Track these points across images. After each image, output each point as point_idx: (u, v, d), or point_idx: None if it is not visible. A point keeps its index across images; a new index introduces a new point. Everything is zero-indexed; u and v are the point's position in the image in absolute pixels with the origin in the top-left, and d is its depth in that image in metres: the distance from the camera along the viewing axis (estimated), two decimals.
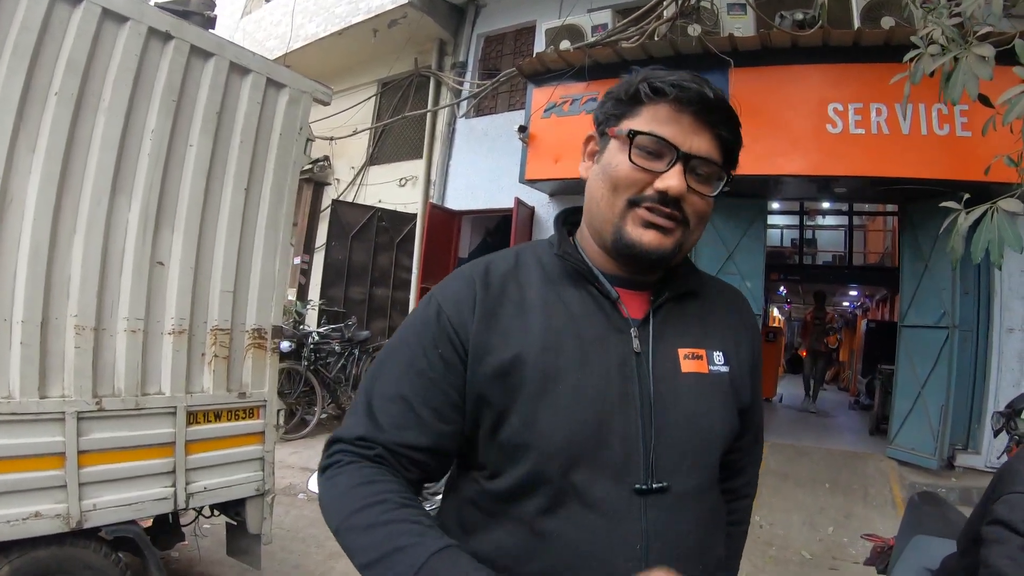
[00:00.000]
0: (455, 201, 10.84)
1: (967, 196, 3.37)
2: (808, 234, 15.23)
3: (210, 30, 4.45)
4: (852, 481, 7.09)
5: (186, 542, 4.35)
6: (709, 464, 1.25)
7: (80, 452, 3.10)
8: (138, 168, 3.38)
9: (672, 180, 1.16)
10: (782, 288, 18.66)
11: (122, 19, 3.24)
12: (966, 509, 6.41)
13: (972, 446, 7.39)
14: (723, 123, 1.20)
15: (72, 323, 3.12)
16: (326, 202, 11.99)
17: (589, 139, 1.33)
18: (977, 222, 3.28)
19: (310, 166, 12.05)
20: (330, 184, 12.58)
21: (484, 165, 10.38)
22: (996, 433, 5.17)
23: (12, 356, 2.93)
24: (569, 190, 8.96)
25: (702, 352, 1.27)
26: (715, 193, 1.22)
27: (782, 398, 13.44)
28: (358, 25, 11.07)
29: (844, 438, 9.75)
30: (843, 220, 14.81)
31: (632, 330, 1.23)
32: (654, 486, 1.15)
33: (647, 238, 1.19)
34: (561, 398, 1.16)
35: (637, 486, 1.15)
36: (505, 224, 9.88)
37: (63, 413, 3.06)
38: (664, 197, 1.17)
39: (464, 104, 10.92)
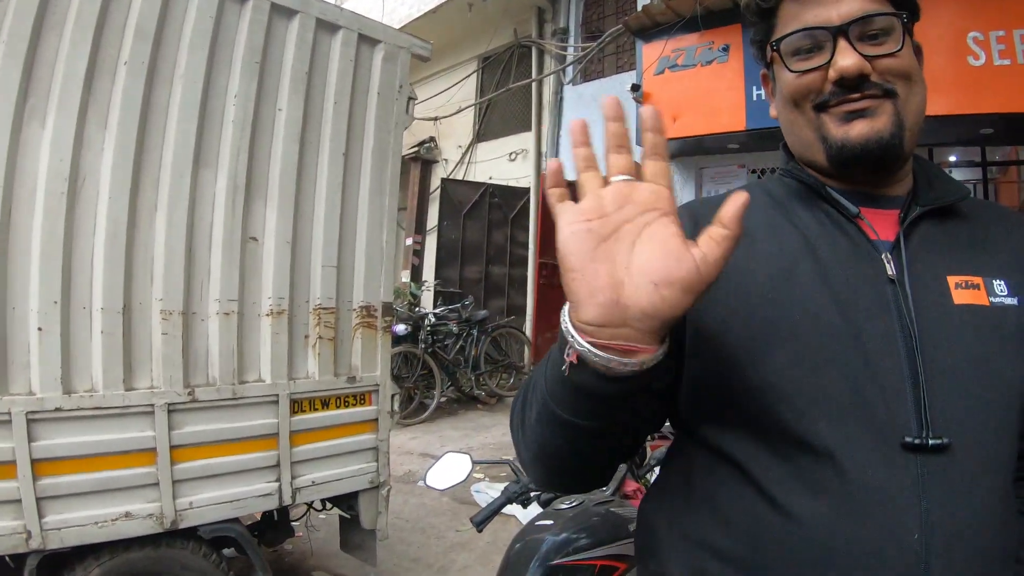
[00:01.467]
0: (570, 171, 10.26)
1: None
2: None
3: None
4: None
5: (299, 534, 4.15)
6: (1008, 425, 0.93)
7: (172, 447, 2.89)
8: (223, 137, 3.12)
9: (842, 62, 0.97)
10: None
11: None
12: None
13: None
14: None
15: (158, 308, 2.89)
16: (435, 182, 11.92)
17: (764, 79, 1.16)
18: None
19: (416, 147, 11.98)
20: (438, 163, 12.47)
21: (597, 131, 9.87)
22: None
23: (93, 346, 2.72)
24: (691, 150, 8.44)
25: (979, 280, 0.99)
26: (902, 45, 0.99)
27: None
28: (451, 1, 10.84)
29: None
30: (974, 173, 13.64)
31: (884, 254, 0.98)
32: (931, 442, 0.87)
33: (855, 130, 0.98)
34: (799, 338, 0.93)
35: (907, 440, 0.87)
36: None
37: (152, 406, 2.84)
38: (845, 83, 0.97)
39: (570, 70, 10.56)
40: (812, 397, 0.91)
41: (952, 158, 12.60)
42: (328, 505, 3.81)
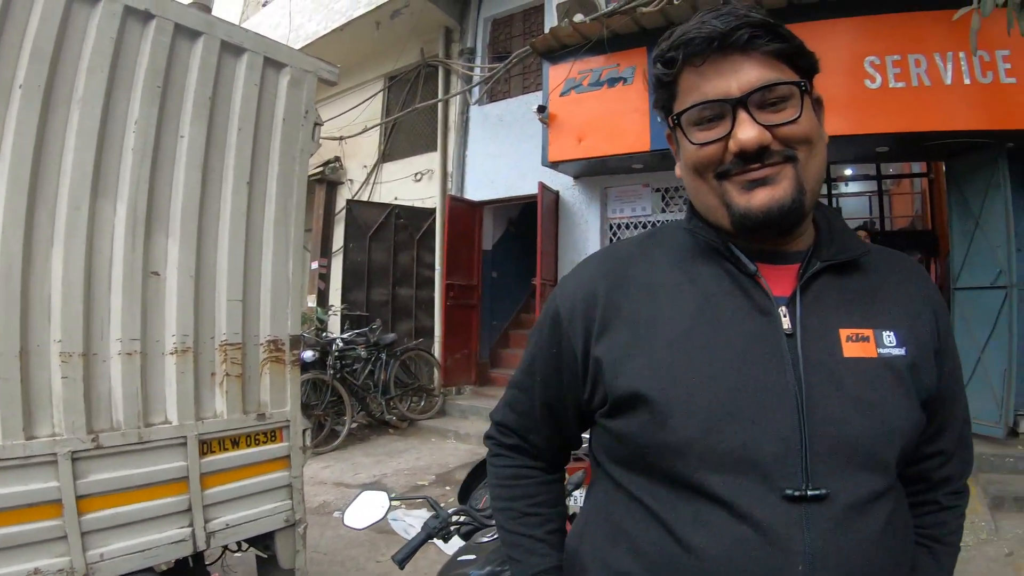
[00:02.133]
0: (475, 192, 10.56)
1: None
2: (833, 203, 14.84)
3: None
4: None
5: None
6: (885, 467, 1.04)
7: (79, 497, 2.70)
8: (122, 165, 2.95)
9: (742, 135, 1.01)
10: None
11: None
12: None
13: None
14: (762, 37, 1.02)
15: (57, 350, 2.70)
16: (340, 203, 11.77)
17: (669, 139, 1.20)
18: None
19: (321, 167, 11.81)
20: (343, 184, 12.31)
21: (503, 152, 10.11)
22: None
23: None
24: (595, 170, 8.71)
25: (869, 332, 1.08)
26: (799, 113, 1.03)
27: None
28: (359, 19, 10.76)
29: None
30: (868, 187, 14.45)
31: (781, 308, 1.07)
32: (809, 492, 0.98)
33: (757, 200, 1.04)
34: (693, 396, 1.03)
35: (788, 492, 0.98)
36: (529, 211, 9.67)
37: (55, 455, 2.65)
38: (745, 155, 1.02)
39: (476, 90, 10.60)
40: (705, 454, 1.01)
41: (848, 171, 13.28)
42: (244, 546, 3.64)
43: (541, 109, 8.30)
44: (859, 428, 1.02)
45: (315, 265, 11.39)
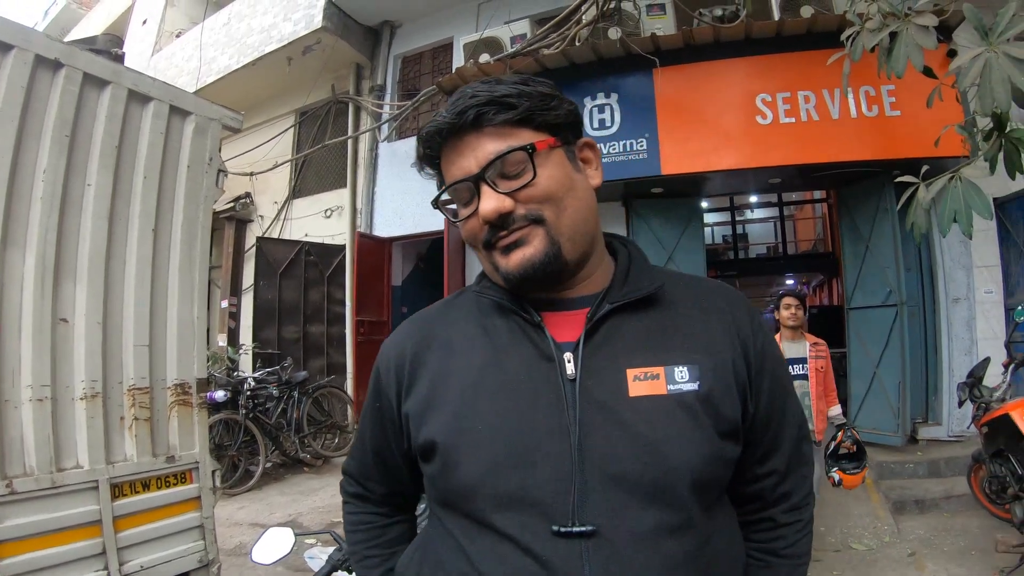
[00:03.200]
0: (384, 228, 10.57)
1: (926, 168, 3.27)
2: (740, 228, 15.44)
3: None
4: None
5: None
6: (676, 501, 1.06)
7: None
8: (31, 214, 3.02)
9: (482, 208, 1.10)
10: None
11: (5, 47, 2.90)
12: (935, 482, 6.38)
13: (932, 418, 7.50)
14: (488, 113, 1.09)
15: None
16: (250, 240, 11.59)
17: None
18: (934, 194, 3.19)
19: (231, 203, 11.66)
20: (253, 221, 12.15)
21: (411, 188, 10.14)
22: (961, 403, 5.38)
23: None
24: None
25: (659, 370, 1.11)
26: (533, 175, 1.09)
27: None
28: (271, 54, 10.76)
29: None
30: (772, 212, 15.10)
31: (566, 355, 1.13)
32: (575, 529, 1.03)
33: (513, 261, 1.12)
34: (478, 444, 1.10)
35: (555, 528, 1.03)
36: (437, 247, 9.70)
37: None
38: (493, 223, 1.10)
39: (385, 127, 10.68)
40: (493, 495, 1.08)
41: (753, 198, 13.85)
42: None
43: None
44: (638, 465, 1.06)
45: (225, 304, 11.18)
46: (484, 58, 8.01)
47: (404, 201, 10.25)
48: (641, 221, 8.37)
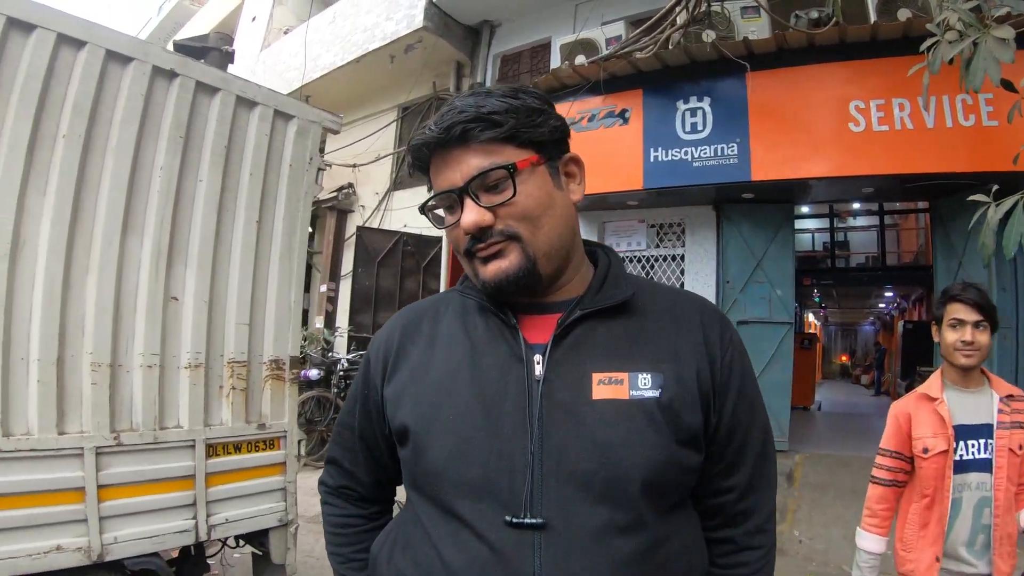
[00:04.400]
0: None
1: (996, 188, 3.21)
2: (840, 236, 14.95)
3: (229, 64, 4.54)
4: None
5: (216, 572, 4.38)
6: (627, 501, 1.11)
7: (100, 486, 3.15)
8: (148, 206, 3.44)
9: (463, 220, 1.14)
10: (816, 293, 18.27)
11: (126, 60, 3.31)
12: None
13: None
14: (474, 129, 1.13)
15: (88, 360, 3.17)
16: (351, 229, 12.07)
17: None
18: (1008, 214, 3.10)
19: (334, 193, 12.17)
20: (354, 211, 12.65)
21: None
22: None
23: (29, 394, 2.99)
24: (594, 205, 8.85)
25: (623, 376, 1.16)
26: (513, 193, 1.14)
27: (820, 406, 13.20)
28: (374, 52, 11.14)
29: None
30: (875, 220, 14.48)
31: (536, 356, 1.19)
32: (527, 520, 1.09)
33: (488, 272, 1.17)
34: (447, 432, 1.17)
35: (507, 518, 1.10)
36: None
37: (82, 448, 3.11)
38: (473, 235, 1.15)
39: None
40: (455, 481, 1.15)
41: (856, 204, 13.31)
42: (241, 542, 4.05)
43: None
44: (592, 464, 1.10)
45: (324, 288, 11.72)
46: (580, 60, 8.06)
47: None
48: (731, 226, 8.25)
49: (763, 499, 1.30)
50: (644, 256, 8.87)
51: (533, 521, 1.09)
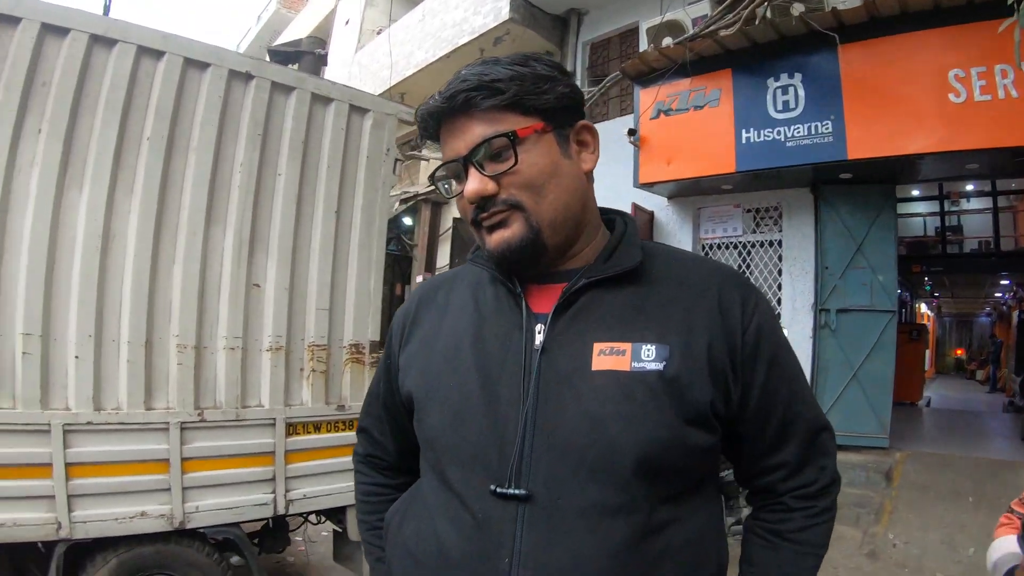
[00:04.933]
0: None
1: None
2: (954, 220, 14.13)
3: (322, 67, 4.76)
4: (999, 494, 6.23)
5: (301, 548, 4.61)
6: (618, 481, 1.07)
7: (183, 459, 3.42)
8: (230, 199, 3.67)
9: (466, 189, 1.13)
10: (928, 281, 17.27)
11: (203, 65, 3.55)
12: None
13: None
14: (477, 97, 1.11)
15: (174, 342, 3.44)
16: (446, 223, 12.29)
17: None
18: None
19: (430, 187, 12.35)
20: (449, 204, 12.89)
21: (600, 173, 9.86)
22: None
23: (120, 372, 3.28)
24: (688, 191, 8.70)
25: (626, 346, 1.11)
26: (515, 162, 1.11)
27: (930, 402, 12.60)
28: (464, 47, 11.22)
29: (993, 445, 8.88)
30: (988, 202, 13.53)
31: (538, 325, 1.16)
32: (511, 491, 1.08)
33: (492, 241, 1.15)
34: (445, 399, 1.19)
35: (493, 488, 1.09)
36: None
37: (167, 423, 3.38)
38: (476, 203, 1.14)
39: None
40: (449, 449, 1.17)
41: (970, 187, 12.51)
42: (321, 519, 4.27)
43: (631, 132, 8.44)
44: (584, 439, 1.07)
45: (420, 278, 12.03)
46: (666, 42, 7.92)
47: (597, 183, 10.28)
48: (829, 209, 7.86)
49: (817, 471, 1.22)
50: (740, 242, 8.63)
51: (517, 492, 1.07)
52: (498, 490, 1.08)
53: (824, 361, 7.57)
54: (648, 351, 1.10)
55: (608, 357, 1.10)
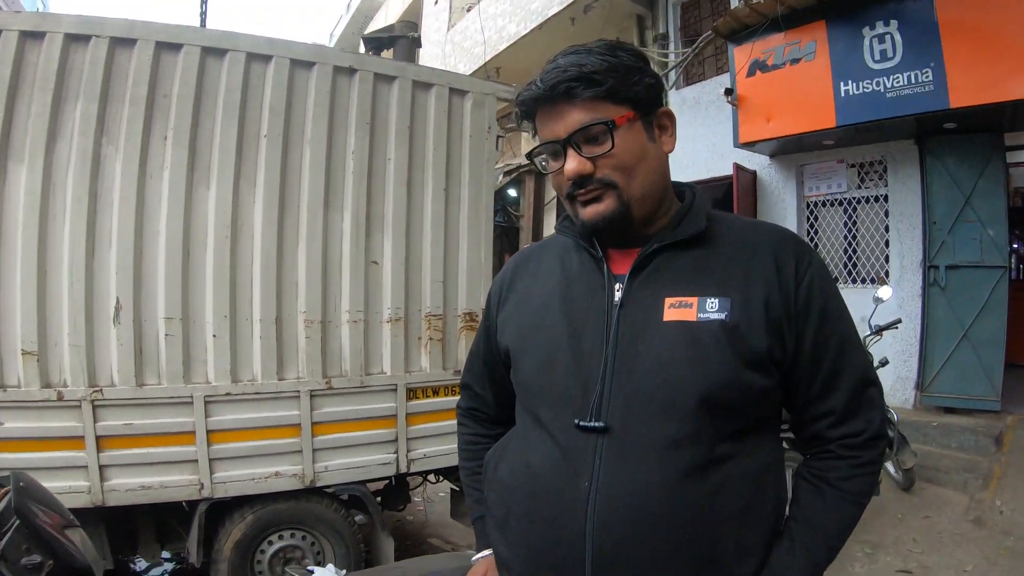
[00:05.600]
0: (676, 174, 10.10)
1: None
2: None
3: (417, 49, 4.99)
4: None
5: (421, 508, 4.93)
6: (684, 416, 1.21)
7: (313, 423, 3.78)
8: (345, 185, 3.97)
9: (566, 168, 1.26)
10: None
11: (308, 64, 3.85)
12: None
13: None
14: (578, 87, 1.22)
15: (302, 318, 3.79)
16: (550, 192, 12.30)
17: None
18: None
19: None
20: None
21: (700, 135, 9.82)
22: None
23: (254, 347, 3.66)
24: (789, 148, 8.43)
25: (692, 300, 1.25)
26: (611, 146, 1.23)
27: None
28: (555, 16, 11.16)
29: None
30: None
31: (617, 284, 1.31)
32: (592, 424, 1.23)
33: (587, 213, 1.28)
34: (538, 348, 1.36)
35: (577, 421, 1.25)
36: (728, 191, 9.37)
37: (298, 392, 3.74)
38: (575, 181, 1.26)
39: (671, 75, 10.51)
40: (540, 389, 1.35)
41: None
42: (439, 478, 4.57)
43: (728, 91, 8.24)
44: (655, 380, 1.22)
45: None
46: None
47: (694, 147, 9.91)
48: (935, 160, 7.43)
49: (864, 422, 1.30)
50: (845, 198, 8.32)
51: (597, 424, 1.22)
52: (581, 423, 1.24)
53: (934, 320, 7.22)
54: (712, 304, 1.24)
55: (677, 310, 1.25)
